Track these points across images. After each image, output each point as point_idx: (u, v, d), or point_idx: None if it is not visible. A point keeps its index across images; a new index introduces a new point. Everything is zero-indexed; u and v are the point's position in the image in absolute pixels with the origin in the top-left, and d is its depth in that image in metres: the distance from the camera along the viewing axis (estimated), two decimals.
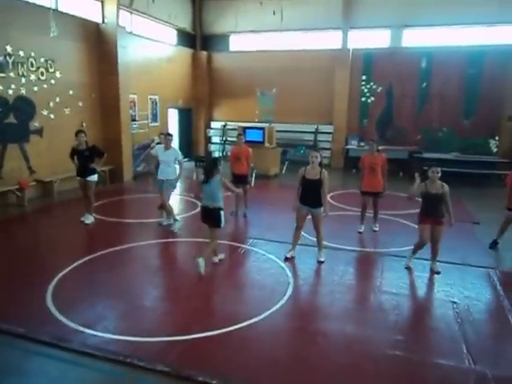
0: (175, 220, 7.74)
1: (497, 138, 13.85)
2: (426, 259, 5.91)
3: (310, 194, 5.94)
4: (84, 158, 7.64)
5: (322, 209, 5.96)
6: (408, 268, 5.83)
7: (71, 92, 10.68)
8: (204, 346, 3.95)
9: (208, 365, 3.65)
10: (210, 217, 5.72)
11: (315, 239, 6.22)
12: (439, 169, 5.55)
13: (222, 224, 5.76)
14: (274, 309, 4.67)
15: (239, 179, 8.14)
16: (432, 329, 4.47)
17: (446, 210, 5.60)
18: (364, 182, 7.48)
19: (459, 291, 5.24)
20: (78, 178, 7.89)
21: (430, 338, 4.30)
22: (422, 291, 5.35)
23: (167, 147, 7.56)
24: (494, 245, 6.84)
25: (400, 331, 4.33)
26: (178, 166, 7.75)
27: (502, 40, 13.56)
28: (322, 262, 6.05)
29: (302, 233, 6.40)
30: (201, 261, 5.51)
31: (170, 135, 7.74)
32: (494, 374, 3.61)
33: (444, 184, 5.58)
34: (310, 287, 5.53)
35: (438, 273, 5.68)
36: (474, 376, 3.59)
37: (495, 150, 13.86)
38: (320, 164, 5.97)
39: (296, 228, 6.20)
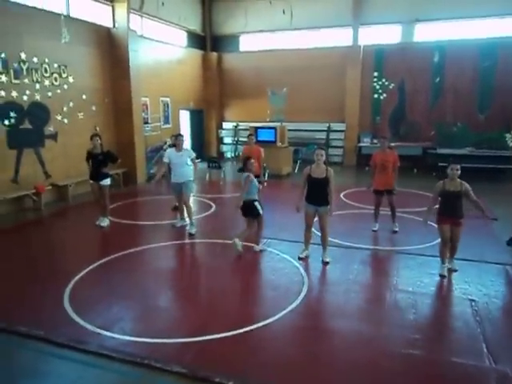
0: (192, 223, 7.56)
1: None
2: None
3: (317, 193, 5.88)
4: (98, 162, 7.73)
5: (328, 207, 5.89)
6: (442, 276, 5.49)
7: (84, 97, 10.81)
8: (220, 347, 3.95)
9: (224, 366, 3.65)
10: (250, 209, 6.30)
11: (328, 239, 6.16)
12: (459, 166, 5.35)
13: (261, 211, 6.32)
14: (289, 308, 4.65)
15: None
16: (450, 327, 4.41)
17: (476, 207, 5.40)
18: (376, 181, 7.34)
19: (477, 289, 5.15)
20: (91, 182, 7.97)
21: (448, 337, 4.24)
22: (438, 289, 5.26)
23: (179, 149, 7.48)
24: (511, 242, 6.71)
25: (417, 330, 4.27)
26: (192, 167, 7.68)
27: None
28: (328, 263, 5.96)
29: (315, 231, 6.37)
30: (237, 241, 6.13)
31: (181, 136, 7.69)
32: None
33: (463, 182, 5.39)
34: (325, 286, 5.50)
35: (456, 271, 5.58)
36: (495, 375, 3.52)
37: (511, 144, 13.60)
38: (325, 162, 5.89)
39: (306, 227, 6.16)
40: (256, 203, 6.32)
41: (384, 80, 14.88)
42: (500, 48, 13.35)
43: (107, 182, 7.90)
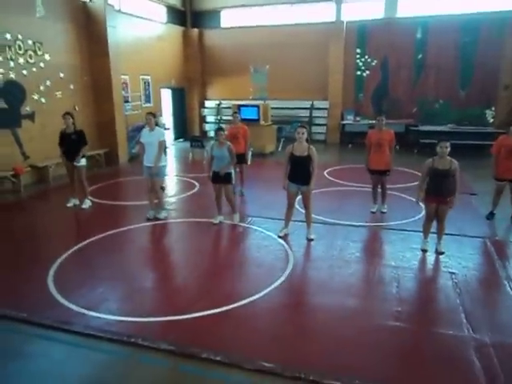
0: (162, 208, 7.20)
1: (493, 108, 13.77)
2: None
3: (299, 171, 5.85)
4: (71, 141, 7.49)
5: (311, 186, 5.88)
6: (424, 250, 5.59)
7: (62, 75, 10.49)
8: (206, 325, 3.99)
9: (211, 342, 3.69)
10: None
11: (312, 216, 6.21)
12: (448, 143, 5.21)
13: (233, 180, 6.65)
14: (275, 285, 4.71)
15: (237, 158, 8.06)
16: (431, 299, 4.53)
17: (454, 189, 5.30)
18: (371, 160, 7.03)
19: (457, 262, 5.29)
20: (65, 162, 7.71)
21: (429, 309, 4.36)
22: (421, 263, 5.38)
23: (151, 128, 6.87)
24: (490, 216, 6.88)
25: (400, 303, 4.38)
26: (161, 150, 6.92)
27: (496, 7, 13.31)
28: (312, 240, 6.03)
29: (299, 208, 6.40)
30: (236, 216, 6.65)
31: (152, 114, 6.99)
32: (493, 340, 3.67)
33: (453, 160, 5.26)
34: (310, 263, 5.57)
35: (442, 253, 5.51)
36: (474, 343, 3.65)
37: (491, 120, 13.79)
38: (307, 140, 5.85)
39: (288, 206, 6.17)
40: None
41: (367, 57, 14.80)
42: (481, 24, 13.37)
43: (82, 162, 7.63)
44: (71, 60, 10.85)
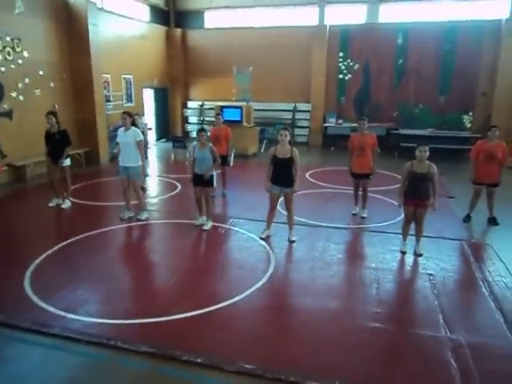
0: (143, 209, 7.09)
1: (470, 113, 14.11)
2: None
3: (282, 174, 5.86)
4: (55, 141, 7.37)
5: (294, 187, 5.90)
6: (403, 252, 5.69)
7: (41, 72, 10.30)
8: (187, 326, 3.97)
9: (192, 344, 3.68)
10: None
11: (294, 218, 6.24)
12: (427, 147, 5.27)
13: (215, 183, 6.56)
14: (256, 287, 4.72)
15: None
16: (410, 301, 4.61)
17: (433, 192, 5.39)
18: (354, 164, 7.04)
19: (435, 263, 5.39)
20: (48, 163, 7.59)
21: (407, 310, 4.44)
22: (400, 265, 5.47)
23: (126, 127, 6.71)
24: (467, 219, 7.04)
25: (380, 304, 4.44)
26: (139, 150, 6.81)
27: (474, 15, 13.67)
28: (294, 242, 6.05)
29: (281, 210, 6.43)
30: (209, 222, 6.57)
31: (128, 113, 6.80)
32: (469, 341, 3.76)
33: (432, 164, 5.36)
34: (291, 264, 5.59)
35: (421, 255, 5.60)
36: (450, 344, 3.73)
37: (469, 125, 14.13)
38: (290, 142, 5.86)
39: (270, 208, 6.16)
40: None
41: (349, 61, 14.98)
42: (460, 32, 13.69)
43: (67, 162, 7.59)
44: (51, 57, 10.66)
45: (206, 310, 4.21)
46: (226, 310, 4.26)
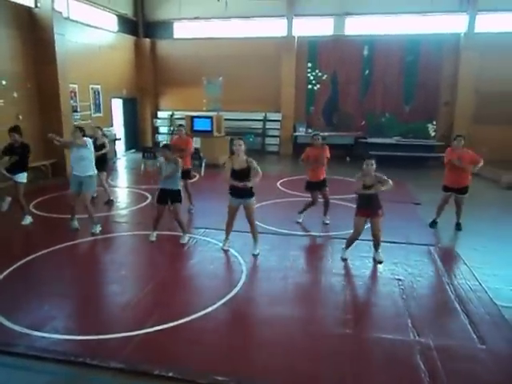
0: (94, 222, 6.89)
1: (434, 122, 14.63)
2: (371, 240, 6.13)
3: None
4: (15, 153, 6.93)
5: (253, 199, 5.80)
6: (344, 259, 5.77)
7: (4, 82, 10.00)
8: (159, 340, 3.91)
9: (164, 358, 3.62)
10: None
11: (265, 227, 6.26)
12: (373, 160, 5.36)
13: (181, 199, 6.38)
14: (229, 297, 4.70)
15: (182, 174, 7.26)
16: (379, 306, 4.69)
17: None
18: (311, 175, 7.21)
19: (404, 269, 5.52)
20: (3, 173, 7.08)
21: (377, 315, 4.52)
22: (369, 271, 5.56)
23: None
24: (433, 224, 7.25)
25: (349, 310, 4.50)
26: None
27: (435, 29, 14.28)
28: (257, 255, 5.93)
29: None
30: (185, 236, 6.43)
31: (79, 128, 6.76)
32: (437, 343, 3.86)
33: (377, 175, 5.40)
34: (263, 273, 5.58)
35: (381, 262, 5.68)
36: (419, 347, 3.81)
37: (433, 133, 14.64)
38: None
39: (228, 220, 6.02)
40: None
41: (318, 71, 15.28)
42: (422, 44, 14.26)
43: (23, 178, 7.11)
44: (14, 67, 10.38)
45: (178, 322, 4.15)
46: (198, 321, 4.22)
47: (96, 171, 6.94)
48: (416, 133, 14.50)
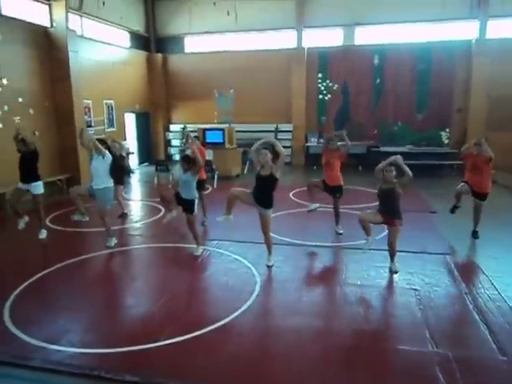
0: (111, 236, 6.91)
1: (447, 129, 14.50)
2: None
3: (260, 190, 5.69)
4: (26, 160, 6.99)
5: (269, 211, 5.74)
6: (395, 272, 5.60)
7: (21, 99, 10.24)
8: (173, 353, 3.89)
9: (178, 371, 3.60)
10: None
11: (278, 238, 6.22)
12: (393, 167, 5.39)
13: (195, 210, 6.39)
14: (243, 309, 4.67)
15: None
16: (396, 317, 4.61)
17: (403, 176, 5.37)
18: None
19: (420, 279, 5.43)
20: (20, 185, 7.11)
21: (394, 326, 4.44)
22: (385, 281, 5.48)
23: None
24: (454, 209, 7.20)
25: (365, 321, 4.44)
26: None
27: (446, 36, 14.23)
28: (271, 266, 5.87)
29: (273, 235, 6.32)
30: (198, 248, 6.44)
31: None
32: (456, 355, 3.76)
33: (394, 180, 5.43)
34: (277, 284, 5.55)
35: (396, 272, 5.59)
36: (437, 358, 3.73)
37: (446, 141, 14.50)
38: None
39: (233, 195, 5.90)
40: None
41: (328, 81, 15.32)
42: (433, 52, 14.20)
43: (39, 188, 7.16)
44: (31, 85, 10.64)
45: (193, 334, 4.14)
46: (212, 333, 4.20)
47: (112, 183, 6.90)
48: (429, 141, 14.39)
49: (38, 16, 11.04)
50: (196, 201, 6.38)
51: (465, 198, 7.16)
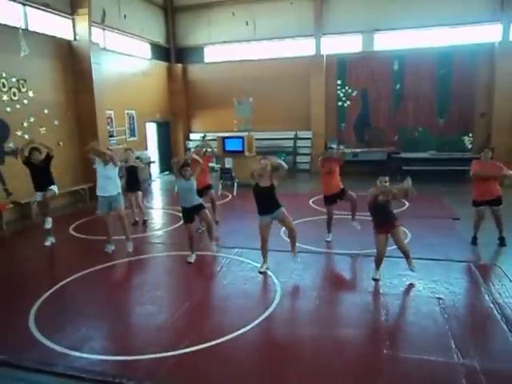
0: (129, 240, 7.15)
1: (470, 134, 14.20)
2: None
3: (267, 202, 5.76)
4: (39, 169, 7.33)
5: (282, 208, 5.78)
6: (376, 280, 5.54)
7: (46, 111, 10.53)
8: (193, 361, 3.89)
9: (198, 379, 3.60)
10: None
11: (299, 245, 6.17)
12: (387, 178, 5.40)
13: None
14: (263, 317, 4.64)
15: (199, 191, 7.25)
16: (420, 326, 4.50)
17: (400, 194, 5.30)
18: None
19: (444, 287, 5.30)
20: (38, 193, 7.46)
21: (417, 336, 4.32)
22: (407, 290, 5.38)
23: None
24: (474, 240, 6.94)
25: (388, 330, 4.36)
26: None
27: (467, 40, 13.99)
28: (297, 259, 5.99)
29: (284, 238, 6.38)
30: (214, 246, 6.78)
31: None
32: (483, 366, 3.65)
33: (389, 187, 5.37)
34: (298, 293, 5.50)
35: (413, 271, 5.57)
36: (464, 370, 3.62)
37: (470, 146, 14.20)
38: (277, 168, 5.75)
39: (262, 241, 5.93)
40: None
41: (347, 88, 15.24)
42: (454, 56, 13.98)
43: (54, 188, 7.51)
44: (56, 96, 10.93)
45: (213, 343, 4.13)
46: (232, 342, 4.18)
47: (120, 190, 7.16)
48: (451, 146, 14.11)
49: (62, 30, 11.37)
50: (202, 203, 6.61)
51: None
